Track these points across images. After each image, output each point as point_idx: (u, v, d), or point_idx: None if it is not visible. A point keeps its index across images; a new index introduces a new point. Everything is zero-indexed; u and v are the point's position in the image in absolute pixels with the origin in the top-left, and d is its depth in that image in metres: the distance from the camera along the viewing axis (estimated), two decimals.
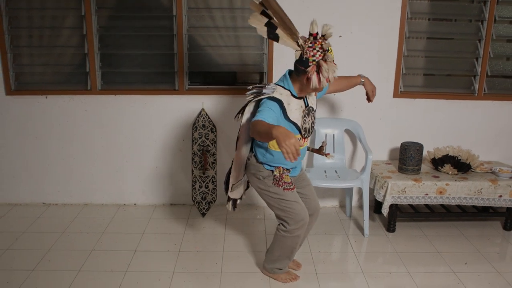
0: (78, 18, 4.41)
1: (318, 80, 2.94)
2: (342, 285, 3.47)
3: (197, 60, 4.56)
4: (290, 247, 3.37)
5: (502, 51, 4.67)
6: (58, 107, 4.56)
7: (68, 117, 4.59)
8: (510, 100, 4.72)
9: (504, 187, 4.19)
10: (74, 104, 4.55)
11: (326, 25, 2.95)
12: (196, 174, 4.52)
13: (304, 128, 3.15)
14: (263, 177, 3.22)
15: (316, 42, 2.95)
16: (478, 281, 3.54)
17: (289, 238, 3.30)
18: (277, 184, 3.19)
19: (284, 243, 3.33)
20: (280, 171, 3.19)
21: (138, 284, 3.41)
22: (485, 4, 4.50)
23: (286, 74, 3.14)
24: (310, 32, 2.96)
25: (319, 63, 2.93)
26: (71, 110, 4.57)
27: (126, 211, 4.69)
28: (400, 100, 4.65)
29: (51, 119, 4.59)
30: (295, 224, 3.24)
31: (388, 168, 4.51)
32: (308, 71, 2.94)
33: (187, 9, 4.40)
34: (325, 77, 2.94)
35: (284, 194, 3.21)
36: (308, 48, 2.95)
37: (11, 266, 3.61)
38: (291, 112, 3.06)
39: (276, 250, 3.40)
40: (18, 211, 4.64)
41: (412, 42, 4.60)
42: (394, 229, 4.33)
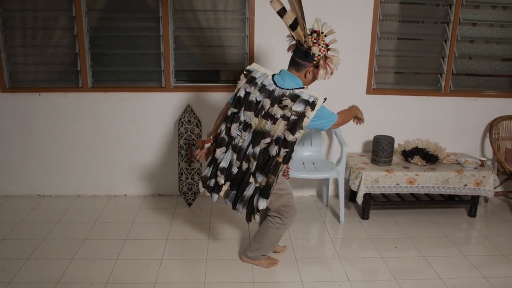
0: (69, 19, 4.33)
1: (325, 74, 2.96)
2: (320, 269, 3.45)
3: (183, 59, 4.52)
4: (280, 237, 3.37)
5: (466, 51, 4.69)
6: (51, 104, 4.48)
7: (60, 113, 4.51)
8: (473, 97, 4.74)
9: (468, 177, 4.21)
10: (66, 101, 4.48)
11: (326, 23, 2.99)
12: (182, 166, 4.49)
13: None
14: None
15: (319, 38, 2.96)
16: (445, 264, 3.55)
17: (282, 230, 3.30)
18: (285, 175, 3.24)
19: (276, 234, 3.31)
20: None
21: (128, 271, 3.36)
22: (450, 7, 4.50)
23: (289, 74, 3.02)
24: (314, 29, 2.97)
25: (326, 56, 2.95)
26: (63, 107, 4.49)
27: (116, 202, 4.63)
28: (373, 96, 4.64)
29: (45, 115, 4.51)
30: (292, 215, 3.26)
31: (362, 160, 4.49)
32: (320, 64, 2.96)
33: (173, 11, 4.35)
34: (332, 69, 2.96)
35: (289, 189, 3.23)
36: (314, 44, 2.94)
37: (7, 255, 3.54)
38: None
39: (266, 240, 3.35)
40: (14, 202, 4.55)
41: (384, 42, 4.59)
42: (368, 216, 4.33)
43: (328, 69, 2.95)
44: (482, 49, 4.71)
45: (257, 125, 2.94)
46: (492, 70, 4.75)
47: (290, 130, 2.83)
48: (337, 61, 2.98)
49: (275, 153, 2.89)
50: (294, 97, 2.88)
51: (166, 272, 3.35)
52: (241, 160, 3.00)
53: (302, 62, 2.97)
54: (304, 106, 2.84)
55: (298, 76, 3.01)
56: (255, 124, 2.94)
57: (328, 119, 2.98)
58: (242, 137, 2.99)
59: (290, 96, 2.89)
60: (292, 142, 2.85)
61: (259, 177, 2.95)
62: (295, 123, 2.83)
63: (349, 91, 4.57)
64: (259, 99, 2.96)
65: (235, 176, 3.04)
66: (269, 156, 2.91)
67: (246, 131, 2.98)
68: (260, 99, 2.95)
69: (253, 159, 2.95)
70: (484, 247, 3.85)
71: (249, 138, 2.98)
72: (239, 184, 3.02)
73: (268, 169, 2.90)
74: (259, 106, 2.95)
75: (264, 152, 2.93)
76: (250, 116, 2.96)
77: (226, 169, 3.05)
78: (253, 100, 2.97)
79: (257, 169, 2.95)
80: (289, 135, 2.83)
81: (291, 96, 2.89)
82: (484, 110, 4.78)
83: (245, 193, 3.00)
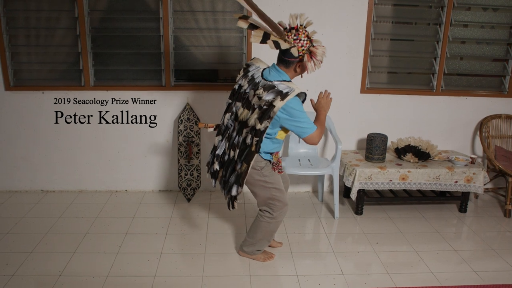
0: (72, 19, 4.30)
1: (314, 65, 2.91)
2: (315, 263, 3.45)
3: (182, 59, 4.49)
4: (272, 232, 3.36)
5: (458, 51, 4.68)
6: (54, 101, 4.46)
7: (63, 111, 4.49)
8: (464, 96, 4.73)
9: (459, 174, 4.20)
10: (69, 99, 4.45)
11: (302, 14, 2.93)
12: (182, 163, 4.47)
13: None
14: (261, 168, 3.12)
15: (300, 33, 2.89)
16: (436, 258, 3.54)
17: (272, 224, 3.28)
18: (275, 169, 3.18)
19: (267, 228, 3.30)
20: (277, 156, 3.18)
21: (128, 264, 3.35)
22: (442, 9, 4.49)
23: (277, 68, 3.00)
24: (291, 26, 2.91)
25: (310, 50, 2.90)
26: (66, 105, 4.47)
27: (117, 197, 4.61)
28: (367, 95, 4.63)
29: (48, 113, 4.49)
30: (280, 210, 3.24)
31: (356, 157, 4.48)
32: (304, 60, 2.90)
33: (173, 12, 4.33)
34: (319, 60, 2.92)
35: (277, 184, 3.20)
36: (295, 41, 2.89)
37: (11, 248, 3.52)
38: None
39: (258, 234, 3.35)
40: (18, 197, 4.53)
41: (377, 43, 4.57)
42: (362, 212, 4.32)
43: (315, 61, 2.91)
44: (473, 50, 4.69)
45: (240, 115, 3.01)
46: (483, 70, 4.74)
47: (259, 119, 2.87)
48: (322, 51, 2.92)
49: (249, 142, 2.93)
50: (268, 88, 2.89)
51: (166, 266, 3.34)
52: (230, 149, 3.07)
53: (289, 60, 2.94)
54: (274, 96, 2.84)
55: (286, 71, 2.98)
56: (240, 114, 3.02)
57: (304, 126, 2.92)
58: (234, 126, 3.06)
59: (264, 86, 2.91)
60: (261, 131, 2.88)
61: (239, 165, 3.01)
62: (264, 112, 2.85)
63: (344, 90, 4.56)
64: (247, 91, 3.01)
65: (226, 163, 3.12)
66: (245, 145, 2.96)
67: (236, 121, 3.06)
68: (248, 91, 3.00)
69: (237, 147, 3.02)
70: (474, 242, 3.85)
71: (236, 127, 3.05)
72: (227, 171, 3.10)
73: (244, 157, 2.96)
74: (245, 97, 3.00)
75: (243, 141, 2.99)
76: (239, 107, 3.04)
77: (220, 156, 3.15)
78: (242, 92, 3.04)
79: (238, 157, 3.01)
80: (258, 124, 2.87)
81: (266, 86, 2.90)
82: (474, 109, 4.77)
83: (229, 180, 3.09)
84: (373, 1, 4.37)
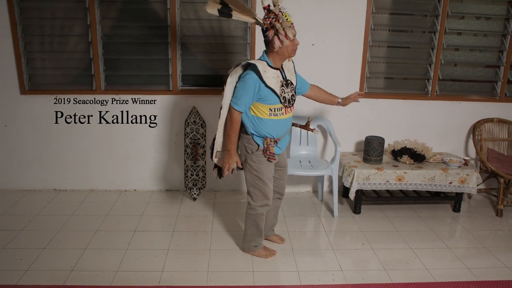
0: (84, 27, 4.31)
1: (279, 40, 2.94)
2: (315, 259, 3.44)
3: (189, 65, 4.49)
4: (256, 224, 3.33)
5: (452, 58, 4.67)
6: (66, 105, 4.46)
7: (75, 114, 4.49)
8: (458, 101, 4.71)
9: (453, 175, 4.19)
10: (81, 102, 4.46)
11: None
12: (188, 163, 4.47)
13: (283, 98, 3.08)
14: (252, 152, 3.15)
15: (270, 12, 2.97)
16: (431, 255, 3.53)
17: (253, 216, 3.29)
18: (265, 153, 3.14)
19: (249, 220, 3.32)
20: (268, 142, 3.12)
21: (137, 260, 3.35)
22: (437, 18, 4.48)
23: (263, 51, 3.11)
24: (263, 7, 3.00)
25: (273, 24, 2.93)
26: (78, 108, 4.47)
27: (127, 196, 4.60)
28: (365, 100, 4.60)
29: (61, 116, 4.49)
30: (259, 202, 3.24)
31: (354, 158, 4.47)
32: (268, 35, 2.96)
33: (180, 20, 4.33)
34: (282, 34, 2.93)
35: (262, 173, 3.17)
36: (264, 20, 2.98)
37: (25, 245, 3.52)
38: (268, 79, 3.01)
39: (247, 229, 3.38)
40: (32, 196, 4.53)
41: (375, 50, 4.57)
42: (360, 211, 4.30)
43: (280, 35, 2.93)
44: (467, 56, 4.68)
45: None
46: (476, 76, 4.72)
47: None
48: (286, 24, 2.93)
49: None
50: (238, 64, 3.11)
51: (172, 261, 3.34)
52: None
53: (264, 39, 3.04)
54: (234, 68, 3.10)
55: (267, 54, 3.07)
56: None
57: (236, 97, 3.05)
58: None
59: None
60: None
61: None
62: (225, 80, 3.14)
63: (343, 94, 4.50)
64: None
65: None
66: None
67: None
68: None
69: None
70: (467, 240, 3.83)
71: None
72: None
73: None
74: None
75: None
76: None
77: None
78: None
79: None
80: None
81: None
82: (468, 113, 4.75)
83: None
84: (371, 10, 4.37)
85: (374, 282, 3.14)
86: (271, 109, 3.07)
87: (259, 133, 3.12)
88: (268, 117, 3.08)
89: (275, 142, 3.15)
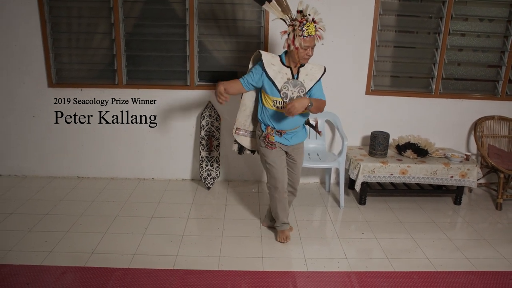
0: (108, 25, 4.29)
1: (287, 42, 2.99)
2: (321, 247, 3.40)
3: (206, 62, 4.46)
4: (278, 202, 3.32)
5: (455, 58, 4.57)
6: (91, 97, 4.46)
7: (98, 106, 4.49)
8: (461, 99, 4.62)
9: (455, 169, 4.11)
10: (104, 95, 4.45)
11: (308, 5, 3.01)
12: (203, 154, 4.44)
13: (284, 93, 3.09)
14: (259, 136, 3.26)
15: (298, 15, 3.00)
16: (432, 246, 3.47)
17: (270, 194, 3.34)
18: (263, 141, 3.21)
19: (271, 198, 3.35)
20: (268, 131, 3.16)
21: (153, 244, 3.33)
22: (441, 19, 4.39)
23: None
24: (297, 10, 3.02)
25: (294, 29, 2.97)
26: (101, 101, 4.47)
27: (145, 184, 4.59)
28: (371, 97, 4.55)
29: (85, 108, 4.49)
30: (270, 182, 3.28)
31: (360, 152, 4.40)
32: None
33: (198, 20, 4.29)
34: (290, 39, 2.97)
35: (267, 156, 3.22)
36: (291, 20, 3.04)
37: (50, 228, 3.53)
38: (271, 70, 3.09)
39: (272, 207, 3.41)
40: (57, 183, 4.54)
41: (382, 49, 4.49)
42: (365, 202, 4.24)
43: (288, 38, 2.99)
44: (469, 56, 4.58)
45: None
46: (478, 76, 4.62)
47: None
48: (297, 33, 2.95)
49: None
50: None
51: (186, 246, 3.32)
52: None
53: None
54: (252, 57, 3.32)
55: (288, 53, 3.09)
56: None
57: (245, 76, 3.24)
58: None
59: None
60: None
61: None
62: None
63: (351, 92, 4.50)
64: None
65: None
66: None
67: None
68: None
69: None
70: (467, 232, 3.76)
71: None
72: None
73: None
74: None
75: None
76: None
77: None
78: None
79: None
80: None
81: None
82: (470, 111, 4.66)
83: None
84: (378, 11, 4.29)
85: (377, 270, 3.09)
86: (274, 100, 3.12)
87: (264, 121, 3.22)
88: (272, 107, 3.15)
89: (277, 132, 3.17)
